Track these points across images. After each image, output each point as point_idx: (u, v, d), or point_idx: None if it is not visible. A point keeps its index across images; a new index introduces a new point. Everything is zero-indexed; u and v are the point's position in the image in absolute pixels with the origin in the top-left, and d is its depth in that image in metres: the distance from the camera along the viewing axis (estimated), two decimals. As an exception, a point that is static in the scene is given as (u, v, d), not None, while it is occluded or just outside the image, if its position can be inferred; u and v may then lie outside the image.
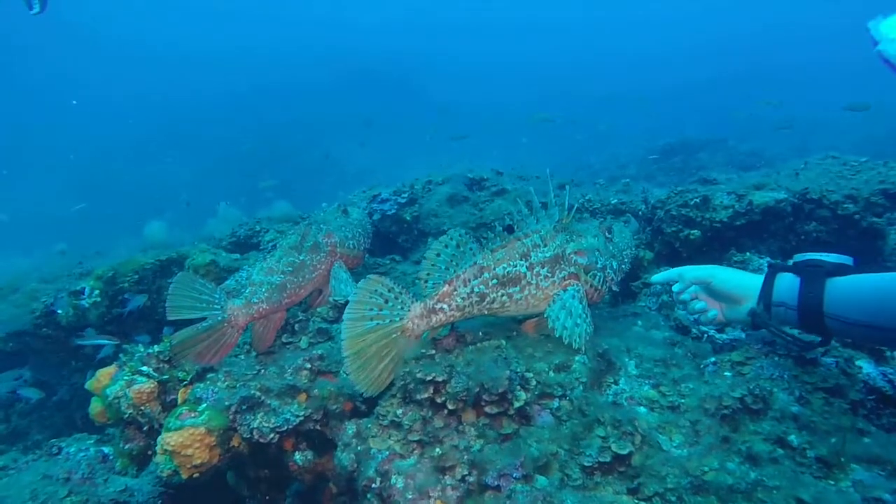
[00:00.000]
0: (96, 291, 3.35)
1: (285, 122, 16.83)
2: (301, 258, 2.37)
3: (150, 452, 1.87)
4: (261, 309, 2.13)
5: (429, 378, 1.61)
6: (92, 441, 2.41)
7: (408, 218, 3.84)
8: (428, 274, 1.80)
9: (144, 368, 1.84)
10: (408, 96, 22.91)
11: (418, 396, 1.62)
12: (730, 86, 25.18)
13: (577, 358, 1.93)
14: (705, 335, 2.44)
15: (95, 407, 1.95)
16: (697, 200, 2.98)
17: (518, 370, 1.83)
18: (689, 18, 39.35)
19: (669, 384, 1.85)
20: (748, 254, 2.78)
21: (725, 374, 1.82)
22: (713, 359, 2.05)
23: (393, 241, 3.94)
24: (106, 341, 3.13)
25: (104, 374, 1.90)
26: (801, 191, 2.90)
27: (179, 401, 1.85)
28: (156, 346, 1.97)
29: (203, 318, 1.92)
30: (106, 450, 2.45)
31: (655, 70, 31.06)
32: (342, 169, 15.17)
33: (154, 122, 18.65)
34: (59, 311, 3.25)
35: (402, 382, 1.64)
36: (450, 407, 1.63)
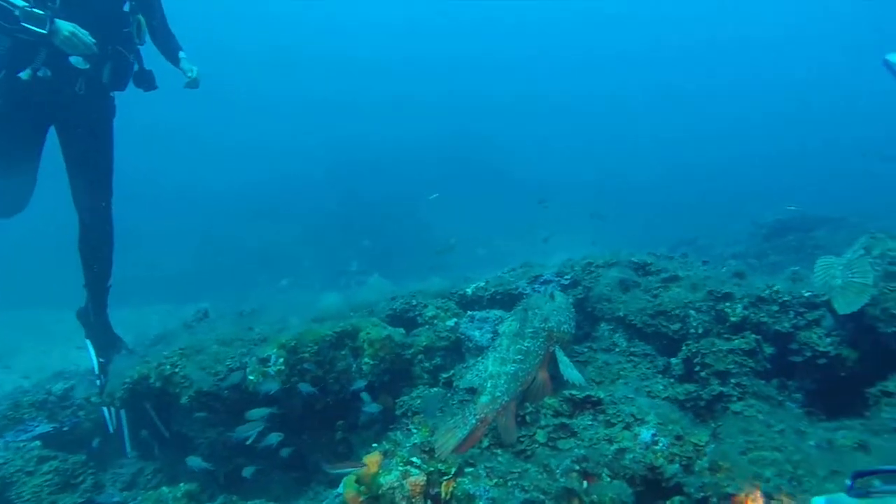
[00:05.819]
0: (280, 360, 3.48)
1: (379, 195, 17.63)
2: (526, 345, 2.38)
3: (413, 547, 1.84)
4: (503, 401, 2.14)
5: None
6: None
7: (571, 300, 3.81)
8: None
9: (416, 459, 1.86)
10: (491, 173, 22.93)
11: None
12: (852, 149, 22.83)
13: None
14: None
15: (350, 492, 1.97)
16: (929, 300, 2.78)
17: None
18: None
19: None
20: None
21: None
22: None
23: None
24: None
25: (372, 461, 1.93)
26: None
27: (443, 494, 1.84)
28: (416, 438, 2.00)
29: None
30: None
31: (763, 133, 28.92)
32: (436, 241, 15.56)
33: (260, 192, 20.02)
34: (251, 378, 3.39)
35: None
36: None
